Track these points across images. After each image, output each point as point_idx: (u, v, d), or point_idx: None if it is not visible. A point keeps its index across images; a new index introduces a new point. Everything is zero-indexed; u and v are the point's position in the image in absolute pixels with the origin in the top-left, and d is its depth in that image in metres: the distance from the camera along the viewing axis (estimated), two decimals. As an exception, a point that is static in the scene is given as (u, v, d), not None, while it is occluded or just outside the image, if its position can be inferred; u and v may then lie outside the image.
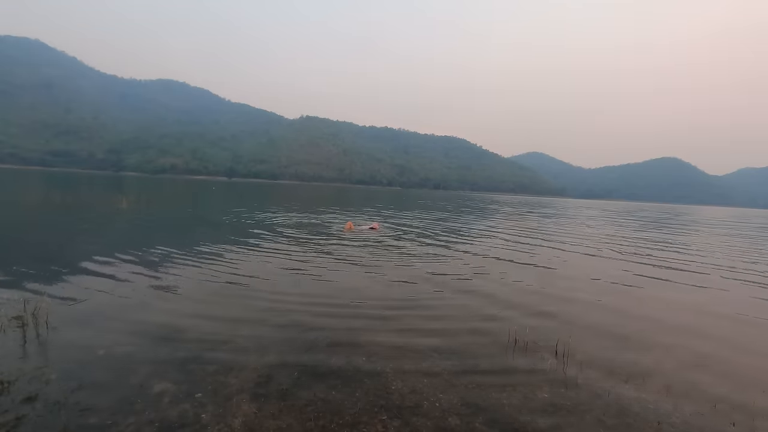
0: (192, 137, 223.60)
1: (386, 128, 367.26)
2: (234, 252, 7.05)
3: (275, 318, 3.90)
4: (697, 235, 16.38)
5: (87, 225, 10.22)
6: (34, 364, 2.76)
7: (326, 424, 2.23)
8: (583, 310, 4.73)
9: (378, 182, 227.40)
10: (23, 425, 2.10)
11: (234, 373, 2.74)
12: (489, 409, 2.48)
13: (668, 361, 3.36)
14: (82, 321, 3.61)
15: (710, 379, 3.08)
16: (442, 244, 9.34)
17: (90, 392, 2.44)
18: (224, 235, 9.00)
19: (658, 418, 2.46)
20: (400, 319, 4.06)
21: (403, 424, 2.27)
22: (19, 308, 3.64)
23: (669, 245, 11.74)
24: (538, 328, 3.90)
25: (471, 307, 4.58)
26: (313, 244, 8.32)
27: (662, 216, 33.02)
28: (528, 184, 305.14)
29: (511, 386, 2.77)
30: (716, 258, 9.58)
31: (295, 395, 2.51)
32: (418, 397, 2.56)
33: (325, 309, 4.24)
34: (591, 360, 3.26)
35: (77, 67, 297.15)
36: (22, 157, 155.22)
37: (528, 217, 21.68)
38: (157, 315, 3.84)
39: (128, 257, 6.17)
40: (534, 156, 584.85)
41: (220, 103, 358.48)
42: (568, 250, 9.45)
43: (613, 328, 4.15)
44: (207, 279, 5.21)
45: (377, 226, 11.30)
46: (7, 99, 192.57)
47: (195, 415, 2.25)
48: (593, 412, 2.50)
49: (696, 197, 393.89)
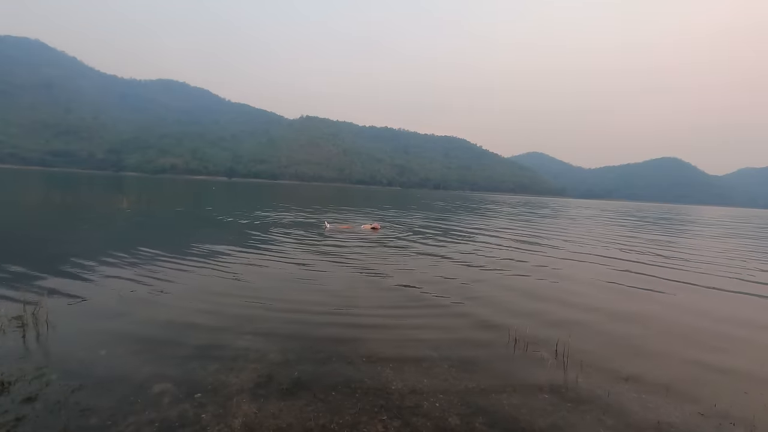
0: (192, 137, 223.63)
1: (386, 128, 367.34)
2: (235, 252, 7.05)
3: (276, 318, 3.90)
4: (698, 235, 16.38)
5: (87, 225, 10.22)
6: (35, 364, 2.76)
7: (326, 424, 2.23)
8: (583, 310, 4.72)
9: (378, 182, 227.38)
10: (23, 425, 2.10)
11: (234, 373, 2.74)
12: (489, 409, 2.48)
13: (668, 362, 3.36)
14: (83, 321, 3.61)
15: (710, 379, 3.08)
16: (443, 244, 9.34)
17: (90, 392, 2.44)
18: (225, 235, 9.00)
19: (658, 418, 2.46)
20: (400, 319, 4.06)
21: (403, 424, 2.27)
22: (19, 308, 3.64)
23: (670, 245, 11.74)
24: (537, 328, 3.90)
25: (471, 308, 4.57)
26: (314, 245, 8.32)
27: (663, 216, 33.02)
28: (528, 184, 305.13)
29: (511, 386, 2.77)
30: (718, 258, 9.57)
31: (295, 395, 2.51)
32: (418, 397, 2.56)
33: (326, 309, 4.24)
34: (591, 360, 3.26)
35: (77, 67, 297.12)
36: (22, 157, 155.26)
37: (528, 217, 21.68)
38: (158, 315, 3.84)
39: (128, 257, 6.17)
40: (534, 156, 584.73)
41: (220, 103, 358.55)
42: (568, 250, 9.44)
43: (613, 328, 4.15)
44: (207, 279, 5.21)
45: (378, 226, 11.30)
46: (7, 99, 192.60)
47: (195, 415, 2.25)
48: (593, 412, 2.50)
49: (696, 197, 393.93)
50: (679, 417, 2.49)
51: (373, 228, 11.02)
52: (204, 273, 5.52)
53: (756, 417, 2.54)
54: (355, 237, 9.65)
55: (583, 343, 3.61)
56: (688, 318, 4.66)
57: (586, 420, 2.41)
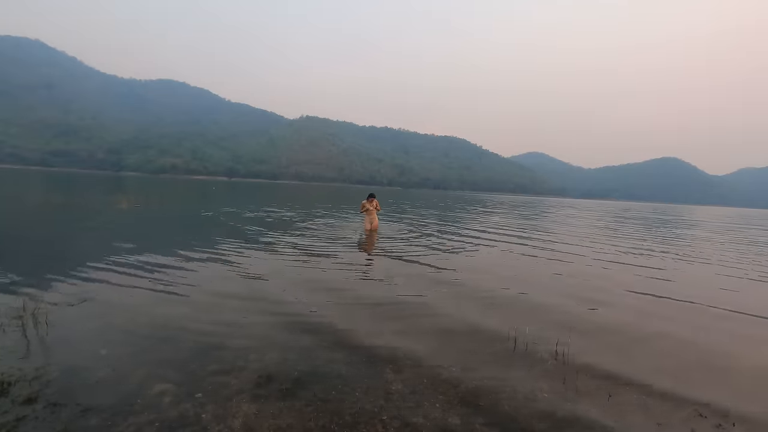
0: (192, 137, 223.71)
1: (386, 128, 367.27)
2: (235, 252, 7.05)
3: (275, 318, 3.90)
4: (698, 235, 16.38)
5: (87, 224, 10.21)
6: (35, 364, 2.76)
7: (326, 424, 2.23)
8: (583, 310, 4.72)
9: (378, 182, 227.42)
10: (23, 426, 2.10)
11: (234, 373, 2.74)
12: (489, 409, 2.48)
13: (669, 362, 3.36)
14: (83, 321, 3.60)
15: (710, 379, 3.08)
16: (443, 243, 9.33)
17: (90, 392, 2.44)
18: (225, 234, 8.99)
19: (659, 419, 2.46)
20: (400, 319, 4.06)
21: (403, 424, 2.27)
22: (19, 308, 3.65)
23: (670, 245, 11.75)
24: (538, 328, 3.90)
25: (471, 307, 4.58)
26: (314, 244, 8.32)
27: (663, 216, 33.03)
28: (528, 184, 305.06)
29: (511, 387, 2.77)
30: (719, 259, 9.58)
31: (295, 395, 2.51)
32: (418, 397, 2.56)
33: (326, 309, 4.24)
34: (591, 361, 3.26)
35: (77, 67, 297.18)
36: (22, 157, 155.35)
37: (528, 217, 21.69)
38: (158, 315, 3.84)
39: (128, 257, 6.17)
40: (534, 156, 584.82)
41: (220, 103, 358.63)
42: (568, 250, 9.44)
43: (614, 328, 4.15)
44: (208, 279, 5.21)
45: (376, 224, 11.22)
46: (7, 99, 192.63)
47: (195, 415, 2.25)
48: (593, 412, 2.50)
49: (696, 197, 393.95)
50: (679, 418, 2.49)
51: (373, 228, 10.62)
52: (204, 273, 5.52)
53: (757, 417, 2.54)
54: (355, 237, 9.64)
55: (583, 343, 3.61)
56: (691, 319, 4.66)
57: (587, 421, 2.40)
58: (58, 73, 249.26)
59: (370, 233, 10.10)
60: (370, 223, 10.37)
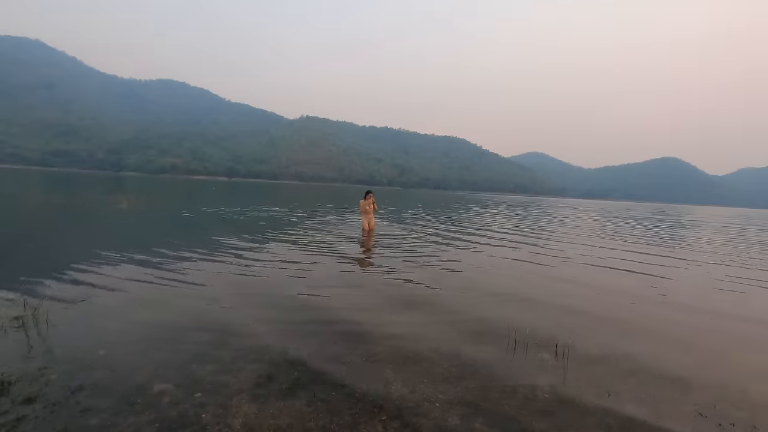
0: (192, 137, 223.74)
1: (386, 128, 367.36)
2: (235, 252, 7.05)
3: (275, 318, 3.90)
4: (699, 236, 16.37)
5: (87, 224, 10.22)
6: (35, 364, 2.76)
7: (326, 424, 2.23)
8: (583, 310, 4.72)
9: (378, 182, 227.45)
10: (23, 425, 2.10)
11: (234, 373, 2.74)
12: (489, 409, 2.48)
13: (670, 362, 3.36)
14: (83, 321, 3.61)
15: (710, 379, 3.08)
16: (442, 243, 9.33)
17: (90, 392, 2.44)
18: (225, 234, 8.99)
19: (659, 419, 2.46)
20: (400, 319, 4.06)
21: (403, 424, 2.27)
22: (19, 308, 3.65)
23: (670, 245, 11.75)
24: (538, 328, 3.90)
25: (471, 307, 4.58)
26: (314, 244, 8.32)
27: (663, 216, 33.02)
28: (528, 184, 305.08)
29: (511, 387, 2.77)
30: (720, 259, 9.57)
31: (295, 395, 2.51)
32: (418, 397, 2.56)
33: (326, 309, 4.24)
34: (591, 361, 3.27)
35: (77, 67, 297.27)
36: (23, 157, 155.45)
37: (528, 217, 21.69)
38: (158, 315, 3.84)
39: (129, 257, 6.17)
40: (534, 156, 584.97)
41: (220, 103, 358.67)
42: (568, 250, 9.44)
43: (614, 328, 4.16)
44: (208, 279, 5.21)
45: (373, 224, 11.21)
46: (7, 99, 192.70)
47: (195, 415, 2.25)
48: (593, 412, 2.50)
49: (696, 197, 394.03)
50: (680, 418, 2.49)
51: (371, 228, 10.63)
52: (204, 273, 5.51)
53: (757, 417, 2.54)
54: (355, 237, 9.65)
55: (583, 343, 3.61)
56: (691, 319, 4.66)
57: (587, 421, 2.40)
58: (58, 73, 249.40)
59: (368, 233, 10.13)
60: (368, 224, 10.42)
